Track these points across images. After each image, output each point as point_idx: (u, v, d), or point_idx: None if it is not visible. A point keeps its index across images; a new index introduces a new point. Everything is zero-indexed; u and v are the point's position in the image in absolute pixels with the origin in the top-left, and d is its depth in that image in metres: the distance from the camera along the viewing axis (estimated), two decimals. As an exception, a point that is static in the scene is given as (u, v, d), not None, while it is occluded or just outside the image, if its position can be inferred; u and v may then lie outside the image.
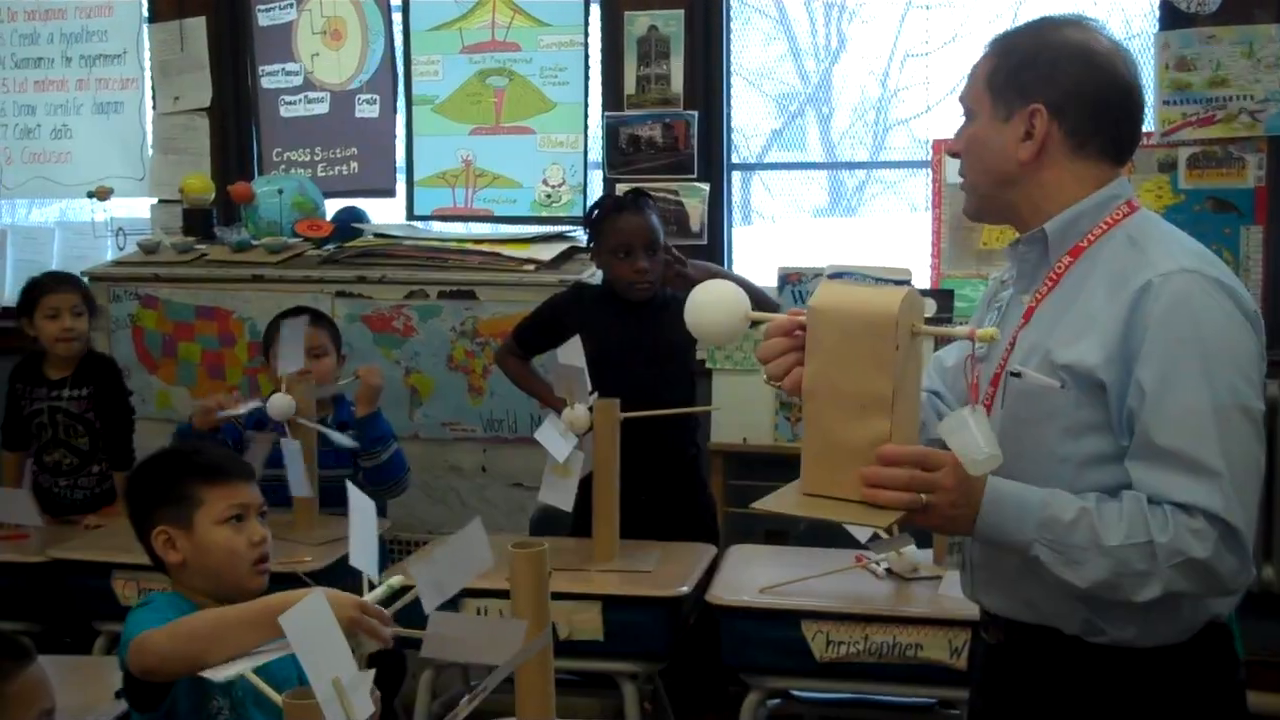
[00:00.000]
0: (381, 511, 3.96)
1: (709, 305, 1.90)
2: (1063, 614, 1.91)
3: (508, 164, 5.10)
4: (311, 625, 1.46)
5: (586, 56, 4.99)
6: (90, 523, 3.98)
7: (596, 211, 3.89)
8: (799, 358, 1.83)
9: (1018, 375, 1.83)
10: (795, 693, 3.50)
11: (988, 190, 2.00)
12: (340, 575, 2.66)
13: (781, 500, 1.84)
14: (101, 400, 4.19)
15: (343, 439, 3.69)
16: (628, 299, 3.80)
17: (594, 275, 4.27)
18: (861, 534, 3.07)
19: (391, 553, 4.19)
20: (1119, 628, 1.89)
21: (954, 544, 2.11)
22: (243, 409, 3.71)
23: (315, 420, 3.67)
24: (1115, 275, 1.87)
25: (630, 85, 4.87)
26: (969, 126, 2.00)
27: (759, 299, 4.01)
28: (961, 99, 2.02)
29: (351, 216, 4.99)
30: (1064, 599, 1.88)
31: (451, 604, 2.01)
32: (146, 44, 5.46)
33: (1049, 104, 1.91)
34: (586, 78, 4.99)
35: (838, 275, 1.80)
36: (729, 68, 4.93)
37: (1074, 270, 1.93)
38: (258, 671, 1.93)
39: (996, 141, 1.96)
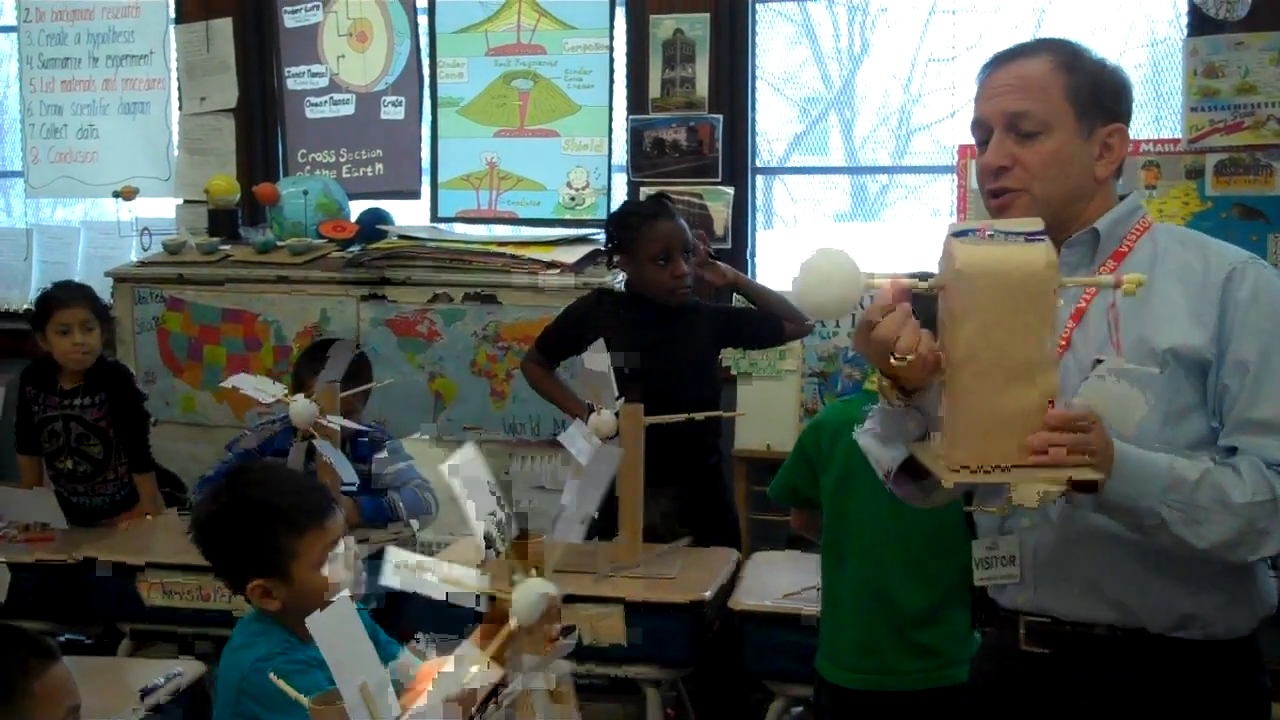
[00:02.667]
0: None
1: (823, 274, 1.70)
2: (1157, 610, 1.93)
3: (532, 167, 5.11)
4: (339, 628, 1.45)
5: (612, 59, 4.99)
6: (126, 526, 3.99)
7: (625, 220, 3.87)
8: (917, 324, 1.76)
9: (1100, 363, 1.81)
10: (818, 699, 3.49)
11: (1061, 206, 1.98)
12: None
13: (952, 472, 1.70)
14: (116, 406, 4.14)
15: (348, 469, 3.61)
16: (663, 304, 3.80)
17: (617, 280, 4.28)
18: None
19: (414, 555, 4.19)
20: (1214, 620, 1.93)
21: (990, 558, 2.07)
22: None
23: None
24: (1184, 271, 1.94)
25: (655, 88, 4.88)
26: (1041, 141, 1.96)
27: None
28: (1022, 113, 1.96)
29: (376, 218, 4.99)
30: (1162, 592, 1.91)
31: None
32: (173, 45, 5.48)
33: (1126, 123, 2.00)
34: (611, 81, 4.99)
35: (961, 233, 1.71)
36: (754, 71, 4.93)
37: (1122, 271, 1.94)
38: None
39: (1082, 157, 1.98)
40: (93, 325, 4.06)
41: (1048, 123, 1.95)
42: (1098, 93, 1.97)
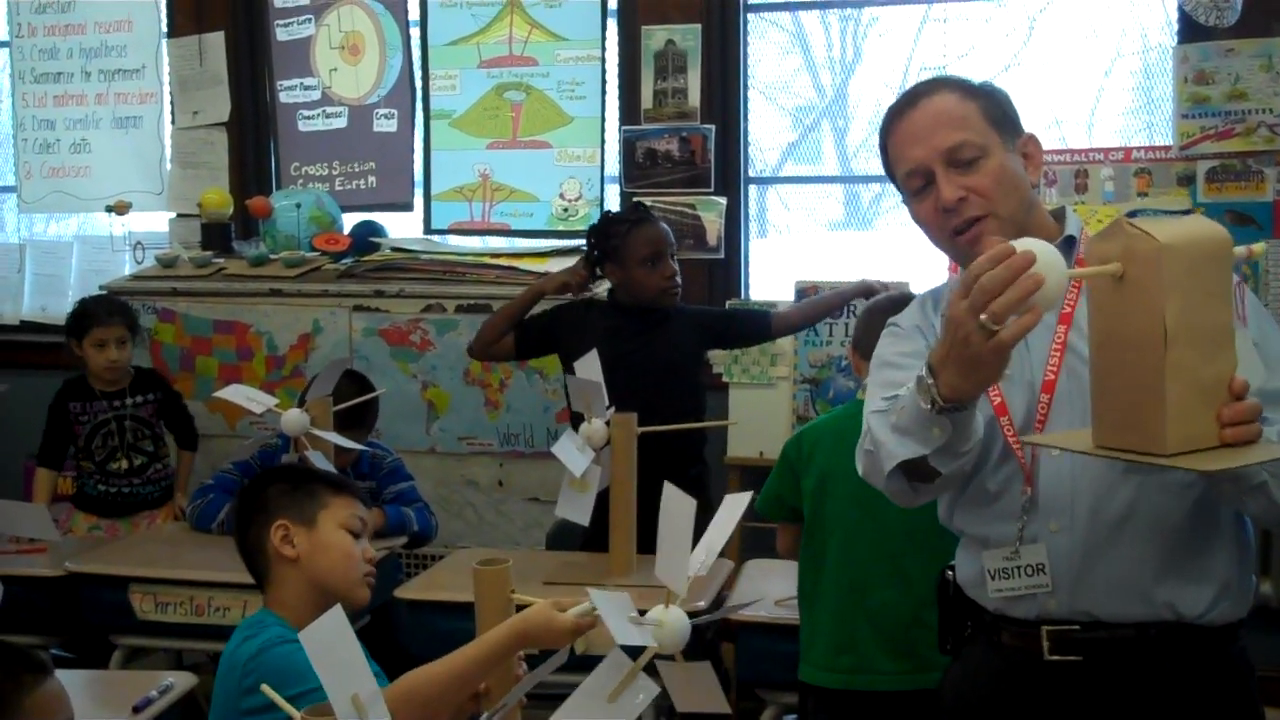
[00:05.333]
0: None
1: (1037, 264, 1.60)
2: (1196, 588, 1.94)
3: (525, 178, 5.11)
4: (331, 640, 1.45)
5: (604, 71, 4.99)
6: (165, 518, 4.39)
7: (609, 229, 3.90)
8: None
9: None
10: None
11: (1022, 219, 2.01)
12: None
13: (1194, 459, 1.66)
14: (168, 402, 4.55)
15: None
16: (649, 308, 3.84)
17: (596, 290, 4.26)
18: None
19: (406, 568, 4.19)
20: (1240, 590, 1.97)
21: (1010, 568, 2.04)
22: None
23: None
24: None
25: (647, 99, 4.88)
26: (984, 164, 1.99)
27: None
28: (960, 144, 1.99)
29: (369, 231, 5.00)
30: (1199, 568, 1.93)
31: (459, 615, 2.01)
32: (165, 59, 5.48)
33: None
34: (604, 92, 5.00)
35: (1133, 214, 1.72)
36: (746, 81, 4.94)
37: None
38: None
39: (1019, 170, 2.03)
40: (126, 340, 4.43)
41: (984, 146, 2.00)
42: (1004, 109, 2.05)
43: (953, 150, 1.99)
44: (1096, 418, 1.74)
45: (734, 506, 1.84)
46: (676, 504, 1.75)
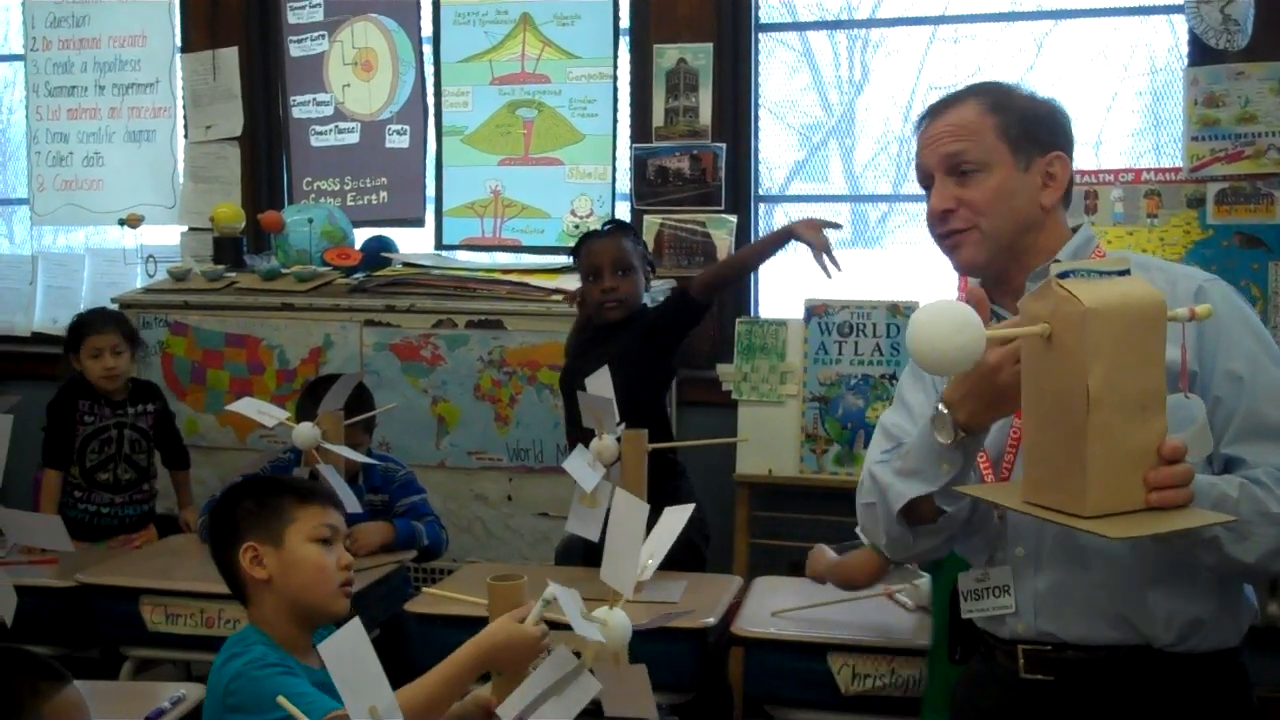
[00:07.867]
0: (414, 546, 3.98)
1: (935, 326, 1.65)
2: (1162, 623, 1.94)
3: (536, 195, 5.13)
4: (350, 653, 1.46)
5: (615, 89, 5.02)
6: (142, 542, 4.26)
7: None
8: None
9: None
10: (820, 726, 3.49)
11: (1011, 238, 2.05)
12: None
13: (1109, 524, 1.67)
14: (162, 415, 4.50)
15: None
16: (600, 322, 3.90)
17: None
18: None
19: (416, 581, 4.20)
20: (1215, 626, 1.96)
21: (980, 589, 2.07)
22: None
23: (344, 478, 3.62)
24: None
25: (659, 117, 4.90)
26: (982, 178, 2.04)
27: None
28: (959, 155, 2.05)
29: (380, 246, 5.02)
30: (1164, 604, 1.93)
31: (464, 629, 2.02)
32: (179, 73, 5.52)
33: (1067, 151, 2.08)
34: (615, 110, 5.02)
35: (1064, 275, 1.71)
36: (756, 100, 4.96)
37: None
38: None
39: (1025, 189, 2.05)
40: (122, 349, 4.37)
41: (985, 161, 2.04)
42: (1030, 126, 2.06)
43: (951, 157, 2.06)
44: (1026, 473, 1.77)
45: (675, 517, 1.88)
46: (628, 510, 1.78)
